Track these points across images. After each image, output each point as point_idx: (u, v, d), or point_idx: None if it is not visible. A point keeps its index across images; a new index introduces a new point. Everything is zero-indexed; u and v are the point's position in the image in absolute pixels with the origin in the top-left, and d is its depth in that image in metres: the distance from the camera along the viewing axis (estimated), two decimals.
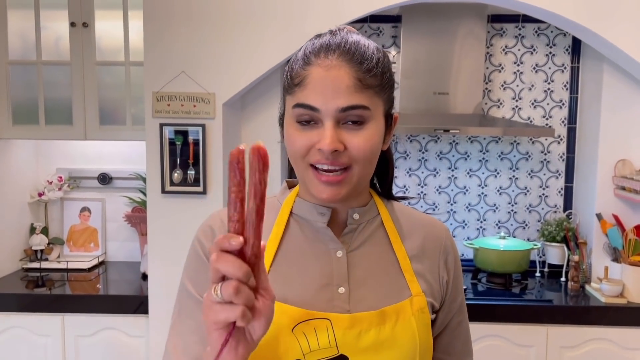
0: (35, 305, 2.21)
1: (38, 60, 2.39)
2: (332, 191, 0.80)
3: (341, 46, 0.79)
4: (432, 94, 2.44)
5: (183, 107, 2.10)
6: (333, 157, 0.78)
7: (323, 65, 0.77)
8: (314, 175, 0.80)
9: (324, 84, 0.77)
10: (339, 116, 0.77)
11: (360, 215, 0.89)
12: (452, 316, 0.94)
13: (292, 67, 0.82)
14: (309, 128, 0.79)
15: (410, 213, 0.96)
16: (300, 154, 0.80)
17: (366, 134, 0.79)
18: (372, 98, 0.79)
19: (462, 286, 0.98)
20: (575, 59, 2.57)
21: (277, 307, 0.78)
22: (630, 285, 2.16)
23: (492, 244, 2.42)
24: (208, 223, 0.91)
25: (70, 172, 2.70)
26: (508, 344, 2.14)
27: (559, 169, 2.64)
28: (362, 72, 0.78)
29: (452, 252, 0.95)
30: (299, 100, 0.78)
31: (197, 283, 0.88)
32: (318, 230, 0.87)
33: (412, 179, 2.67)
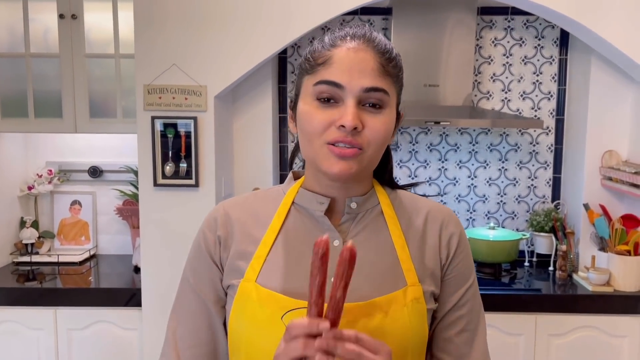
0: (27, 299, 2.21)
1: (26, 53, 2.37)
2: (344, 165, 0.81)
3: (365, 35, 0.83)
4: (423, 86, 2.46)
5: (174, 99, 2.10)
6: (352, 135, 0.79)
7: (350, 47, 0.81)
8: (329, 149, 0.81)
9: (351, 63, 0.80)
10: (361, 96, 0.80)
11: (359, 204, 0.90)
12: (449, 308, 0.91)
13: (315, 49, 0.85)
14: (329, 106, 0.81)
15: (415, 200, 0.96)
16: (318, 131, 0.81)
17: (383, 119, 0.82)
18: (391, 86, 0.83)
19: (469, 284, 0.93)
20: (564, 51, 2.60)
21: (269, 296, 0.82)
22: (617, 274, 2.20)
23: (481, 235, 2.45)
24: (212, 215, 0.93)
25: (60, 166, 2.68)
26: (498, 332, 2.17)
27: (547, 160, 2.67)
28: (384, 59, 0.82)
29: (456, 237, 0.93)
30: (323, 77, 0.81)
31: (196, 274, 0.92)
32: (317, 219, 0.89)
33: (403, 170, 2.69)
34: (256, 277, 0.85)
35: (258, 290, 0.84)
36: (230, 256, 0.89)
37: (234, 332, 0.86)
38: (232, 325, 0.86)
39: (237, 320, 0.85)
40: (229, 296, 0.89)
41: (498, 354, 2.17)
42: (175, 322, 0.92)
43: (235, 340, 0.86)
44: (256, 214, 0.92)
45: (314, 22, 2.10)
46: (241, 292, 0.85)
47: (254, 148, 2.44)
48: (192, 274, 0.92)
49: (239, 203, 0.94)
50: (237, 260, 0.88)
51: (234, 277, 0.87)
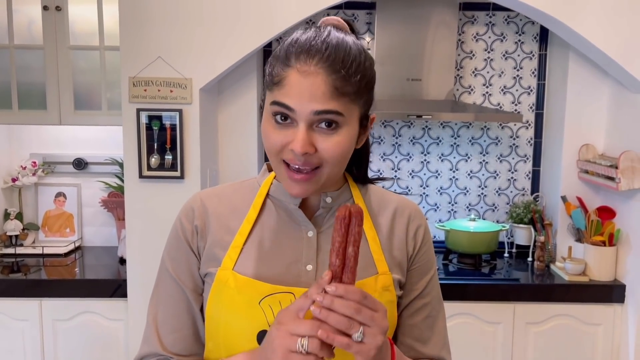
0: (12, 290, 2.21)
1: (10, 44, 2.36)
2: (301, 188, 0.84)
3: (321, 51, 0.80)
4: (406, 80, 2.50)
5: (160, 92, 2.11)
6: (304, 159, 0.81)
7: (301, 71, 0.79)
8: (285, 171, 0.84)
9: (301, 87, 0.79)
10: (312, 119, 0.80)
11: (333, 198, 0.94)
12: (415, 296, 0.96)
13: (274, 65, 0.84)
14: (285, 127, 0.82)
15: (383, 194, 1.01)
16: (275, 150, 0.83)
17: (337, 139, 0.82)
18: (347, 105, 0.81)
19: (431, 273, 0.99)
20: (543, 47, 2.66)
21: (246, 282, 0.86)
22: (592, 264, 2.27)
23: (462, 226, 2.51)
24: (190, 204, 0.96)
25: (44, 158, 2.68)
26: (477, 321, 2.23)
27: (527, 153, 2.73)
28: (339, 80, 0.80)
29: (422, 230, 0.98)
30: (276, 98, 0.81)
31: (175, 262, 0.95)
32: (291, 212, 0.93)
33: (386, 163, 2.73)
34: (233, 266, 0.88)
35: (235, 277, 0.87)
36: (207, 245, 0.92)
37: (211, 319, 0.89)
38: (210, 311, 0.89)
39: (215, 307, 0.88)
40: (206, 284, 0.92)
41: (477, 342, 2.23)
42: (155, 308, 0.95)
43: (213, 326, 0.90)
44: (232, 205, 0.95)
45: (298, 16, 2.13)
46: (218, 280, 0.88)
47: (239, 140, 2.46)
48: (170, 262, 0.95)
49: (215, 194, 0.97)
50: (214, 249, 0.91)
51: (211, 266, 0.90)
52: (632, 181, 2.12)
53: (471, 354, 2.24)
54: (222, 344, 0.89)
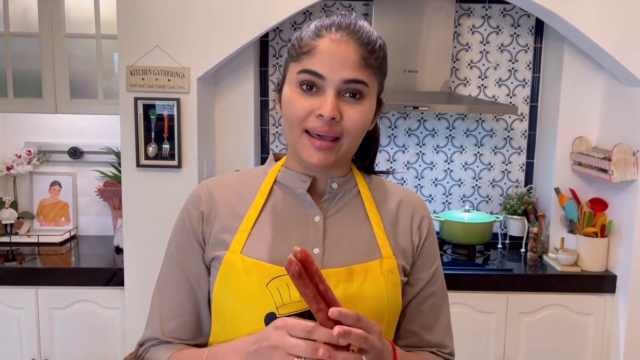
0: (7, 278, 2.21)
1: (6, 32, 2.35)
2: (322, 156, 0.86)
3: (350, 26, 0.86)
4: (402, 71, 2.51)
5: (157, 81, 2.11)
6: (329, 125, 0.84)
7: (333, 39, 0.84)
8: (307, 140, 0.86)
9: (333, 55, 0.83)
10: (341, 87, 0.84)
11: (339, 184, 0.96)
12: (423, 285, 0.98)
13: (301, 37, 0.87)
14: (311, 95, 0.85)
15: (388, 186, 1.03)
16: (299, 117, 0.85)
17: (362, 109, 0.86)
18: (371, 78, 0.87)
19: (437, 262, 1.01)
20: (538, 40, 2.67)
21: (254, 265, 0.87)
22: (584, 255, 2.30)
23: (457, 217, 2.53)
24: (196, 192, 0.97)
25: (39, 146, 2.67)
26: (471, 310, 2.26)
27: (521, 145, 2.75)
28: (366, 51, 0.85)
29: (426, 221, 1.00)
30: (306, 67, 0.84)
31: (180, 249, 0.96)
32: (299, 197, 0.94)
33: (382, 154, 2.75)
34: (241, 249, 0.90)
35: (243, 260, 0.88)
36: (214, 231, 0.93)
37: (219, 303, 0.90)
38: (217, 296, 0.90)
39: (222, 290, 0.89)
40: (213, 268, 0.93)
41: (471, 331, 2.26)
42: (159, 294, 0.97)
43: (220, 311, 0.91)
44: (239, 192, 0.96)
45: (295, 7, 2.13)
46: (226, 263, 0.89)
47: (236, 130, 2.46)
48: (176, 249, 0.96)
49: (222, 182, 0.98)
50: (221, 234, 0.92)
51: (219, 250, 0.92)
52: (624, 173, 2.15)
53: (465, 343, 2.27)
54: (230, 328, 0.90)
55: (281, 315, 0.84)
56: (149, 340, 0.96)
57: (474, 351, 2.27)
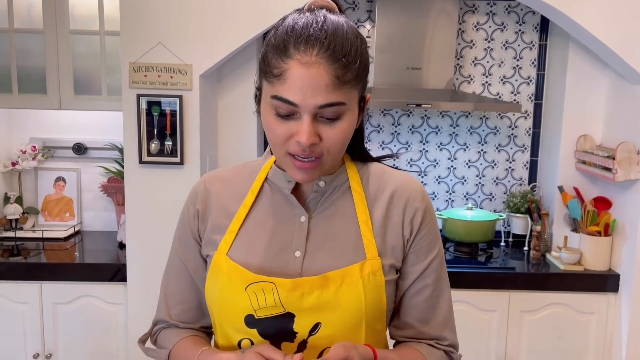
0: (12, 273, 2.23)
1: (10, 28, 2.36)
2: (306, 175, 0.87)
3: (321, 40, 0.79)
4: (406, 69, 2.50)
5: (160, 78, 2.11)
6: (310, 149, 0.83)
7: (303, 62, 0.78)
8: (290, 161, 0.86)
9: (303, 81, 0.79)
10: (316, 112, 0.81)
11: (327, 182, 0.94)
12: (415, 278, 0.96)
13: (271, 54, 0.82)
14: (287, 120, 0.83)
15: (384, 173, 0.99)
16: (279, 142, 0.85)
17: (341, 127, 0.84)
18: (348, 92, 0.82)
19: (435, 253, 0.97)
20: (543, 37, 2.66)
21: (235, 268, 0.91)
22: (587, 254, 2.29)
23: (460, 215, 2.52)
24: (195, 188, 1.01)
25: (44, 142, 2.69)
26: (473, 309, 2.26)
27: (525, 143, 2.74)
28: (340, 68, 0.80)
29: (420, 213, 0.95)
30: (278, 93, 0.81)
31: (180, 243, 1.02)
32: (286, 196, 0.95)
33: (385, 151, 2.74)
34: (227, 250, 0.93)
35: (227, 262, 0.92)
36: (207, 229, 0.97)
37: (209, 297, 0.95)
38: (208, 291, 0.95)
39: (212, 287, 0.93)
40: (207, 265, 0.97)
41: (472, 330, 2.26)
42: (167, 281, 1.04)
43: (210, 304, 0.95)
44: (233, 189, 0.98)
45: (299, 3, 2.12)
46: (214, 263, 0.93)
47: (239, 127, 2.47)
48: (178, 242, 1.02)
49: (219, 177, 1.00)
50: (213, 233, 0.96)
51: (210, 249, 0.96)
52: (628, 172, 2.14)
53: (466, 341, 2.25)
54: (217, 323, 0.95)
55: (259, 317, 0.88)
56: (161, 321, 1.04)
57: (475, 350, 2.27)
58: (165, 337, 1.02)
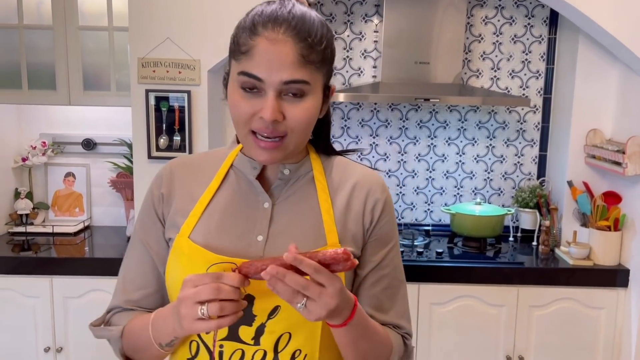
0: (23, 268, 2.25)
1: (20, 24, 2.38)
2: (269, 155, 0.88)
3: (288, 20, 0.83)
4: (414, 63, 2.49)
5: (168, 73, 2.12)
6: (273, 126, 0.85)
7: (270, 38, 0.82)
8: (253, 140, 0.87)
9: (270, 56, 0.82)
10: (281, 88, 0.84)
11: (292, 171, 0.97)
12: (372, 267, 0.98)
13: (240, 34, 0.86)
14: (253, 96, 0.85)
15: (347, 166, 1.02)
16: (243, 119, 0.86)
17: (304, 107, 0.86)
18: (313, 73, 0.85)
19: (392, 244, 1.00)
20: (553, 31, 2.64)
21: (197, 250, 0.91)
22: (597, 249, 2.28)
23: (468, 210, 2.52)
24: (160, 172, 1.02)
25: (54, 138, 2.71)
26: (481, 303, 2.25)
27: (534, 137, 2.73)
28: (305, 48, 0.83)
29: (380, 204, 0.98)
30: (244, 69, 0.84)
31: (143, 226, 1.01)
32: (251, 183, 0.97)
33: (393, 146, 2.74)
34: (189, 233, 0.93)
35: (189, 244, 0.92)
36: (171, 212, 0.98)
37: (171, 280, 0.94)
38: (169, 273, 0.94)
39: (173, 270, 0.93)
40: (169, 248, 0.97)
41: (481, 324, 2.26)
42: (126, 269, 1.02)
43: (171, 288, 0.94)
44: (199, 174, 0.99)
45: None
46: (176, 246, 0.93)
47: None
48: (140, 226, 1.02)
49: (185, 163, 1.02)
50: (176, 216, 0.97)
51: (173, 232, 0.96)
52: (638, 166, 2.12)
53: (475, 336, 2.27)
54: None
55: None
56: (115, 308, 1.02)
57: (483, 344, 2.27)
58: (120, 318, 1.00)
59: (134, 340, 0.96)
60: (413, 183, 2.78)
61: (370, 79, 2.69)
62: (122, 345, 0.98)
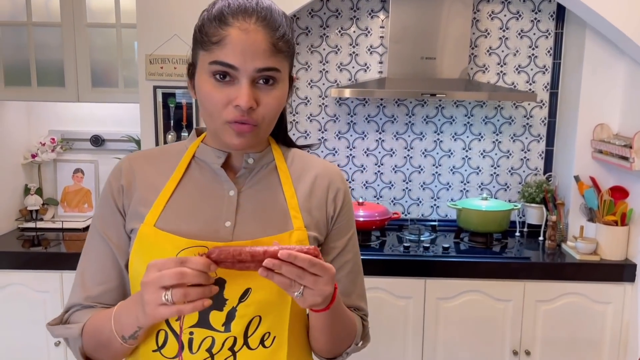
0: (33, 263, 2.28)
1: (28, 22, 2.40)
2: (243, 141, 0.90)
3: (257, 11, 0.87)
4: (420, 58, 2.50)
5: (176, 69, 2.14)
6: (248, 114, 0.87)
7: (242, 28, 0.85)
8: (229, 127, 0.89)
9: (244, 45, 0.85)
10: (254, 75, 0.86)
11: (255, 160, 0.99)
12: (337, 253, 1.03)
13: (208, 24, 0.88)
14: (225, 85, 0.87)
15: (307, 159, 1.06)
16: (218, 109, 0.88)
17: (276, 94, 0.90)
18: (282, 62, 0.90)
19: (352, 230, 1.06)
20: (560, 25, 2.63)
21: (165, 236, 0.91)
22: (604, 243, 2.28)
23: (474, 205, 2.52)
24: (118, 165, 1.02)
25: (62, 134, 2.73)
26: (488, 298, 2.26)
27: (540, 133, 2.73)
28: (276, 37, 0.87)
29: (341, 193, 1.03)
30: (218, 58, 0.86)
31: (102, 219, 0.99)
32: (215, 172, 0.98)
33: (399, 142, 2.75)
34: (155, 222, 0.93)
35: (156, 232, 0.92)
36: (132, 203, 0.97)
37: (134, 272, 0.93)
38: (133, 265, 0.93)
39: (138, 261, 0.92)
40: (131, 240, 0.96)
41: (487, 319, 2.26)
42: (85, 264, 0.99)
43: (135, 279, 0.93)
44: (159, 166, 1.00)
45: None
46: (140, 235, 0.92)
47: None
48: (98, 219, 0.99)
49: (143, 156, 1.02)
50: (138, 206, 0.96)
51: (136, 222, 0.95)
52: None
53: (481, 331, 2.28)
54: None
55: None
56: (74, 306, 0.99)
57: (490, 339, 2.28)
58: (79, 316, 0.97)
59: (94, 337, 0.93)
60: (419, 178, 2.78)
61: (376, 75, 2.70)
62: (82, 345, 0.95)
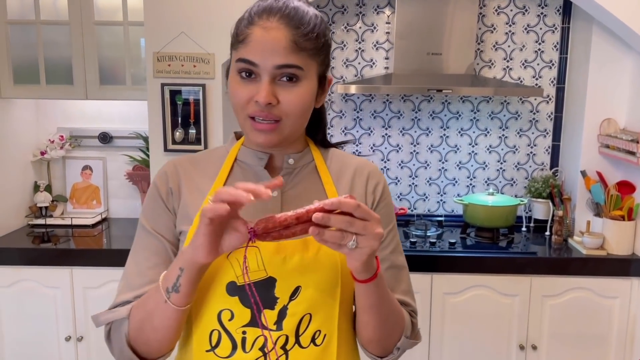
0: (43, 259, 2.30)
1: (37, 20, 2.41)
2: (266, 137, 0.92)
3: (282, 10, 0.90)
4: (426, 54, 2.50)
5: (183, 67, 2.15)
6: (267, 110, 0.89)
7: (264, 26, 0.88)
8: (251, 124, 0.92)
9: (264, 42, 0.88)
10: (274, 72, 0.88)
11: (295, 160, 1.01)
12: None
13: (238, 26, 0.93)
14: (249, 82, 0.90)
15: (344, 157, 1.07)
16: (241, 104, 0.91)
17: (298, 92, 0.90)
18: (306, 60, 0.90)
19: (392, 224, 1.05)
20: (566, 20, 2.63)
21: None
22: (610, 238, 2.28)
23: (481, 200, 2.53)
24: (163, 169, 1.03)
25: (71, 132, 2.75)
26: (494, 293, 2.27)
27: (547, 128, 2.72)
28: (298, 35, 0.89)
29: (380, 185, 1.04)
30: (241, 56, 0.90)
31: (152, 220, 1.00)
32: (257, 173, 0.99)
33: (405, 138, 2.75)
34: None
35: None
36: (180, 206, 0.99)
37: None
38: None
39: None
40: (181, 242, 0.98)
41: (494, 314, 2.27)
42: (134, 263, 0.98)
43: None
44: (203, 170, 1.01)
45: None
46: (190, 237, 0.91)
47: None
48: (148, 221, 0.99)
49: (187, 160, 1.04)
50: (186, 209, 0.98)
51: (185, 225, 0.97)
52: None
53: (488, 326, 2.29)
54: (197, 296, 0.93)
55: (241, 283, 0.90)
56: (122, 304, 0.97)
57: (497, 334, 2.29)
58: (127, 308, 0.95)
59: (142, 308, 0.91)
60: (426, 174, 2.79)
61: (382, 71, 2.70)
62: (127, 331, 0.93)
